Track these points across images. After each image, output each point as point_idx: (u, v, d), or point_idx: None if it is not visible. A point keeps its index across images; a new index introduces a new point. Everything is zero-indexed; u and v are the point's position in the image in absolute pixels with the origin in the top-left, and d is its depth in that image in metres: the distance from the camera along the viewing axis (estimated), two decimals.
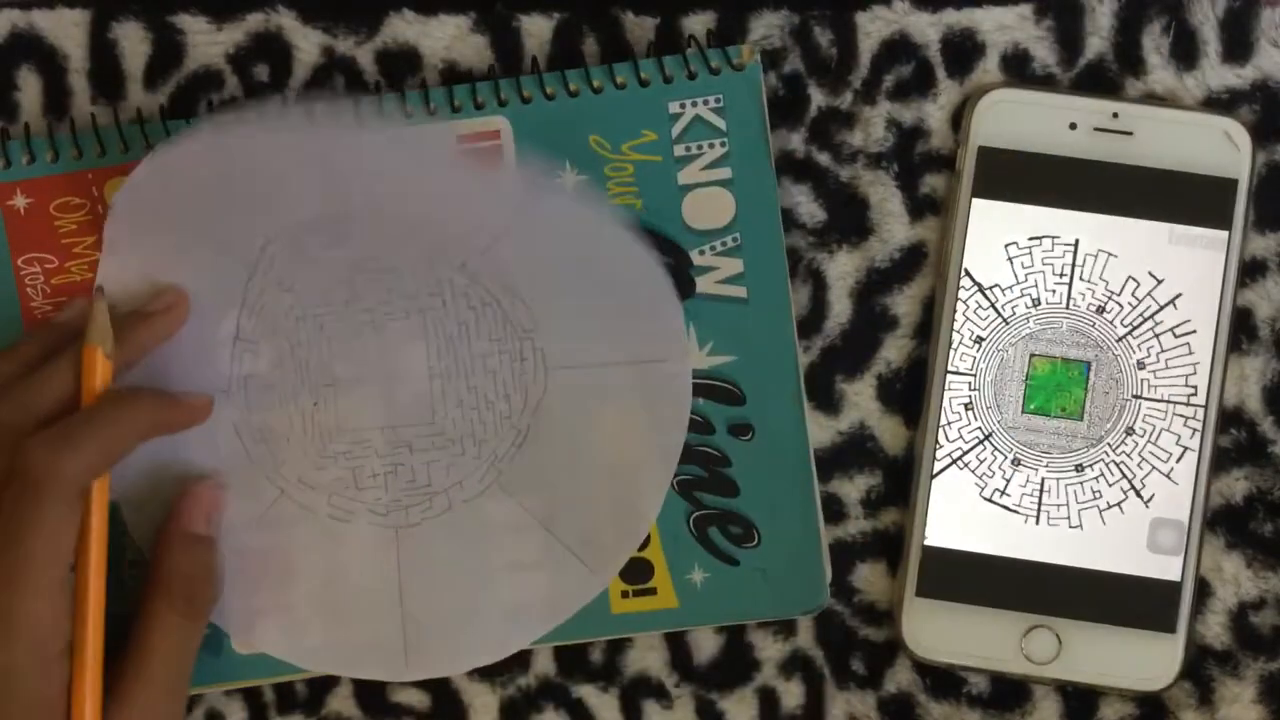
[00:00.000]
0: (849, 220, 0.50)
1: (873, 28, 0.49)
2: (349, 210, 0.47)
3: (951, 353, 0.49)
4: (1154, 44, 0.49)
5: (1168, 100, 0.49)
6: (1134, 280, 0.48)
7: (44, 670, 0.42)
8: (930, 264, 0.50)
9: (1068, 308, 0.48)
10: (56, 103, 0.50)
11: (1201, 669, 0.49)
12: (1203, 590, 0.49)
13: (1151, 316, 0.48)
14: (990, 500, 0.49)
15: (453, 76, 0.50)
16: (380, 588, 0.48)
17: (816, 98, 0.49)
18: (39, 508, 0.42)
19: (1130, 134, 0.48)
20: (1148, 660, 0.48)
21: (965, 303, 0.49)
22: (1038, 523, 0.48)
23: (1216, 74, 0.49)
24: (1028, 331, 0.49)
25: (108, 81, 0.50)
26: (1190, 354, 0.48)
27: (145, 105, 0.49)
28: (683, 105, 0.48)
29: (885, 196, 0.50)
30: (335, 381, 0.48)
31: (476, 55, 0.50)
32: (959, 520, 0.48)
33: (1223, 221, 0.48)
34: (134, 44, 0.50)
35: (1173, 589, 0.48)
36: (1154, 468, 0.48)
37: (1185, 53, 0.49)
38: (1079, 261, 0.48)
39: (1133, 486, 0.48)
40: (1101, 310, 0.48)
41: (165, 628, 0.45)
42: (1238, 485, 0.49)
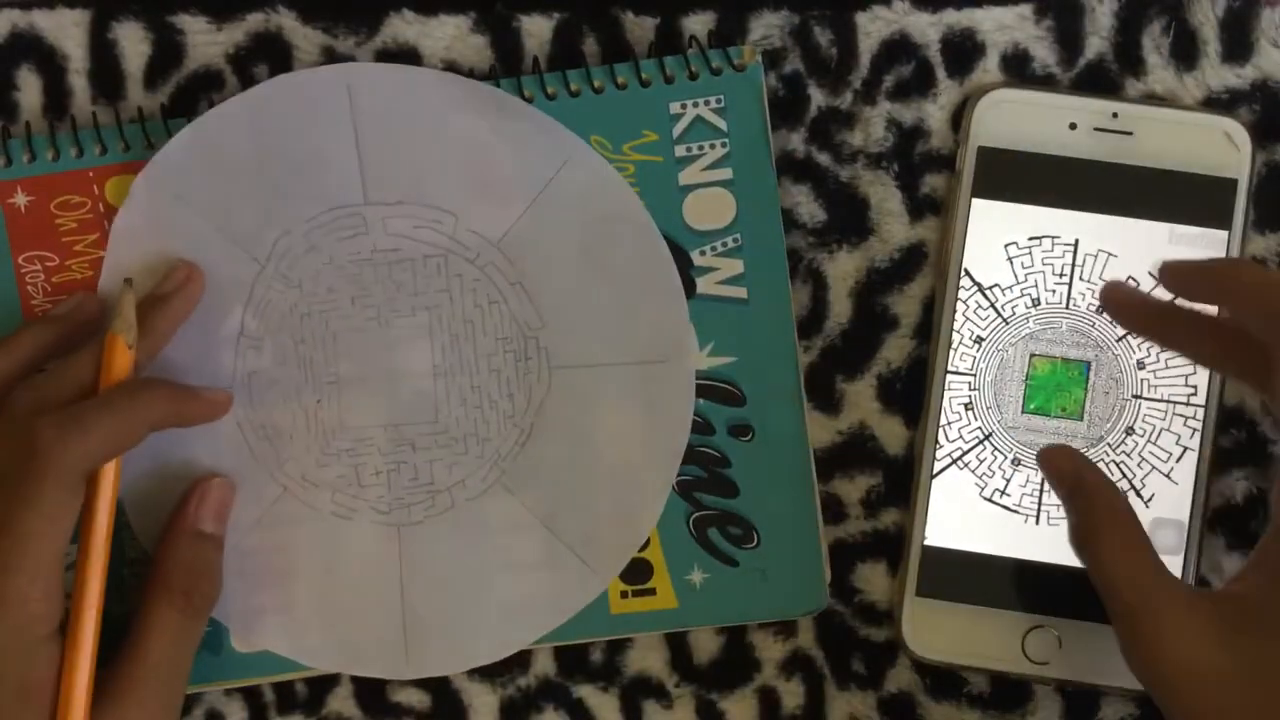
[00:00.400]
0: (849, 220, 0.50)
1: (873, 28, 0.49)
2: (382, 178, 0.48)
3: (951, 353, 0.49)
4: (1154, 44, 0.49)
5: (1168, 100, 0.49)
6: (1134, 280, 0.48)
7: (28, 652, 0.42)
8: (930, 264, 0.50)
9: (1068, 308, 0.49)
10: (56, 103, 0.50)
11: None
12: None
13: None
14: (990, 500, 0.49)
15: None
16: (382, 585, 0.48)
17: (817, 98, 0.49)
18: (39, 487, 0.41)
19: (1130, 134, 0.48)
20: None
21: (965, 303, 0.49)
22: (1038, 523, 0.48)
23: (1216, 74, 0.49)
24: (1028, 331, 0.49)
25: (108, 81, 0.50)
26: None
27: (145, 105, 0.49)
28: (684, 105, 0.48)
29: (885, 196, 0.50)
30: (339, 379, 0.48)
31: (476, 55, 0.50)
32: (959, 520, 0.49)
33: (1222, 221, 0.48)
34: (134, 44, 0.50)
35: None
36: (1154, 468, 0.48)
37: (1185, 53, 0.49)
38: (1079, 261, 0.48)
39: (1133, 486, 0.48)
40: (1101, 310, 0.48)
41: (164, 624, 0.45)
42: (1238, 485, 0.49)
